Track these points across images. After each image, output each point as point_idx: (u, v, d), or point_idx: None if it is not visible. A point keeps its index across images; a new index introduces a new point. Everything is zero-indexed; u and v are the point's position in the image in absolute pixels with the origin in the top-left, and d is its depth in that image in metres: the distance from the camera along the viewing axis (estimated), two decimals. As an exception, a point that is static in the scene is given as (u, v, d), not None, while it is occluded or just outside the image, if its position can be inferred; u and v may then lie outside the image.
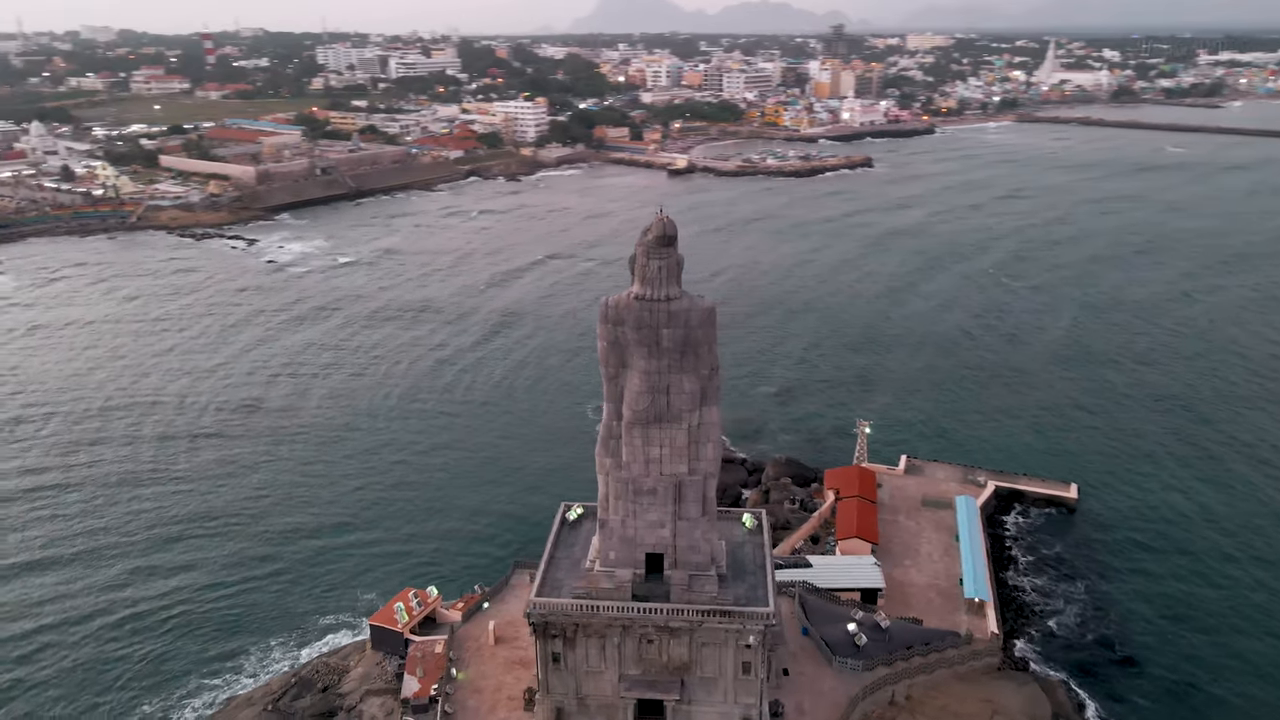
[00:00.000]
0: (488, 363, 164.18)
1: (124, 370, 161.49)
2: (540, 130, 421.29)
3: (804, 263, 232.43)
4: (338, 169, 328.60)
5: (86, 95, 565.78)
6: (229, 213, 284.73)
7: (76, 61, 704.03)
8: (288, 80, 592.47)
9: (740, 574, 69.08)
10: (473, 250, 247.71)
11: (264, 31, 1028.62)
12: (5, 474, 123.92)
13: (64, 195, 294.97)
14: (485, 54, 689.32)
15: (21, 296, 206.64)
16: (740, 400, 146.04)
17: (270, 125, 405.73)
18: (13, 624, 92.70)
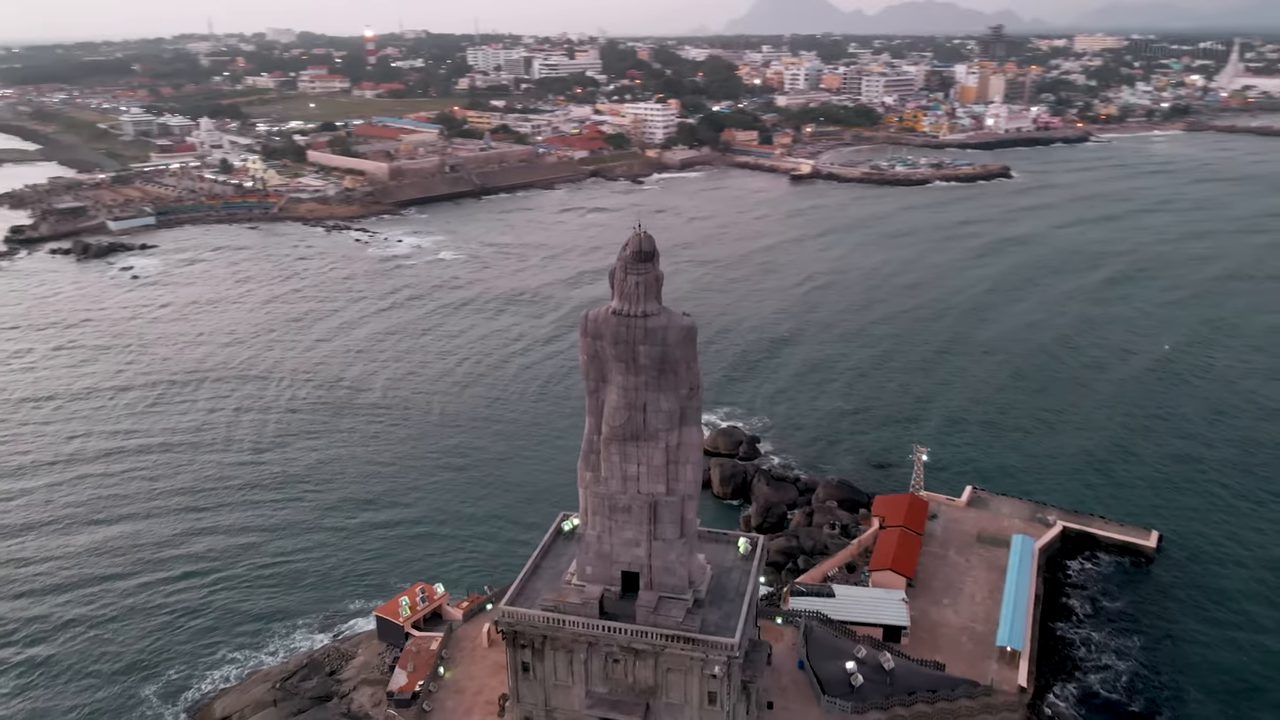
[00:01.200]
0: (555, 358, 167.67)
1: (226, 345, 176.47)
2: (668, 132, 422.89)
3: (899, 271, 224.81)
4: (465, 167, 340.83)
5: (258, 93, 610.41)
6: (361, 206, 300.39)
7: (255, 62, 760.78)
8: (438, 80, 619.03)
9: (719, 600, 67.22)
10: (573, 247, 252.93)
11: (426, 33, 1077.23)
12: (102, 435, 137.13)
13: (219, 186, 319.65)
14: (627, 56, 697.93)
15: (161, 276, 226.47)
16: (804, 414, 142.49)
17: (412, 123, 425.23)
18: (80, 569, 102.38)
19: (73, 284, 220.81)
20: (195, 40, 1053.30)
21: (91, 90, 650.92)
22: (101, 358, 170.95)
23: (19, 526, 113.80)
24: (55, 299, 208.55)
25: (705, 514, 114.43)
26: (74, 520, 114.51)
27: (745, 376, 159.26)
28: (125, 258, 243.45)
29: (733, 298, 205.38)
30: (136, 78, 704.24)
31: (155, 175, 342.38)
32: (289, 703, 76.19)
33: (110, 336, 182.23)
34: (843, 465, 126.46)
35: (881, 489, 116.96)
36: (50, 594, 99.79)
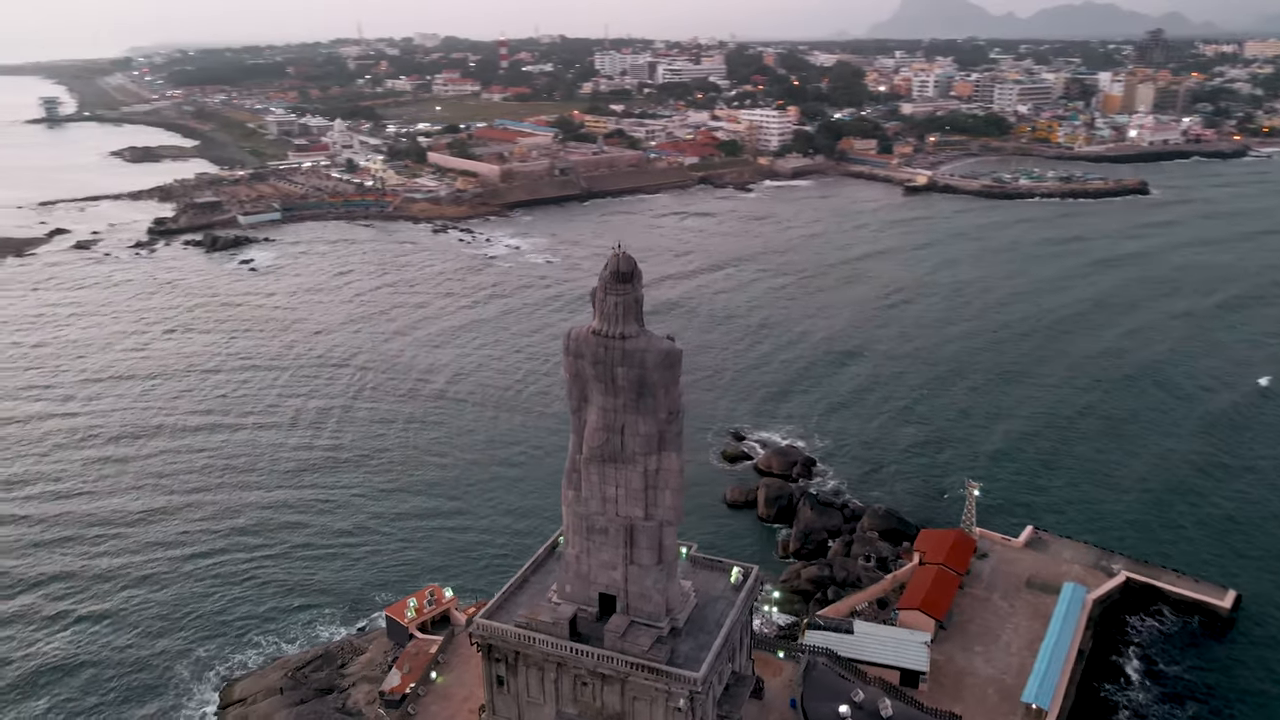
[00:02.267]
0: None
1: (315, 333, 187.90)
2: (783, 139, 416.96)
3: (992, 287, 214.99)
4: (575, 170, 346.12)
5: (395, 95, 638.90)
6: (469, 207, 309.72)
7: (397, 66, 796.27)
8: (564, 84, 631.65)
9: (697, 630, 65.52)
10: (664, 250, 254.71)
11: (561, 38, 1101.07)
12: (185, 412, 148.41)
13: (342, 185, 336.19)
14: (752, 61, 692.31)
15: (273, 268, 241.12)
16: (867, 435, 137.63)
17: (530, 127, 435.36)
18: (144, 536, 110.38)
19: (196, 273, 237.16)
20: (347, 44, 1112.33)
21: (248, 91, 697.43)
22: (203, 341, 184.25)
23: (89, 492, 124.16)
24: (177, 286, 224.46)
25: (746, 535, 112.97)
26: (145, 488, 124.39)
27: (809, 391, 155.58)
28: (248, 250, 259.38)
29: (808, 308, 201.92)
30: (289, 80, 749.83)
31: (288, 173, 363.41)
32: (295, 692, 79.15)
33: (214, 322, 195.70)
34: (898, 493, 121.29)
35: (935, 521, 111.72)
36: (109, 557, 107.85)
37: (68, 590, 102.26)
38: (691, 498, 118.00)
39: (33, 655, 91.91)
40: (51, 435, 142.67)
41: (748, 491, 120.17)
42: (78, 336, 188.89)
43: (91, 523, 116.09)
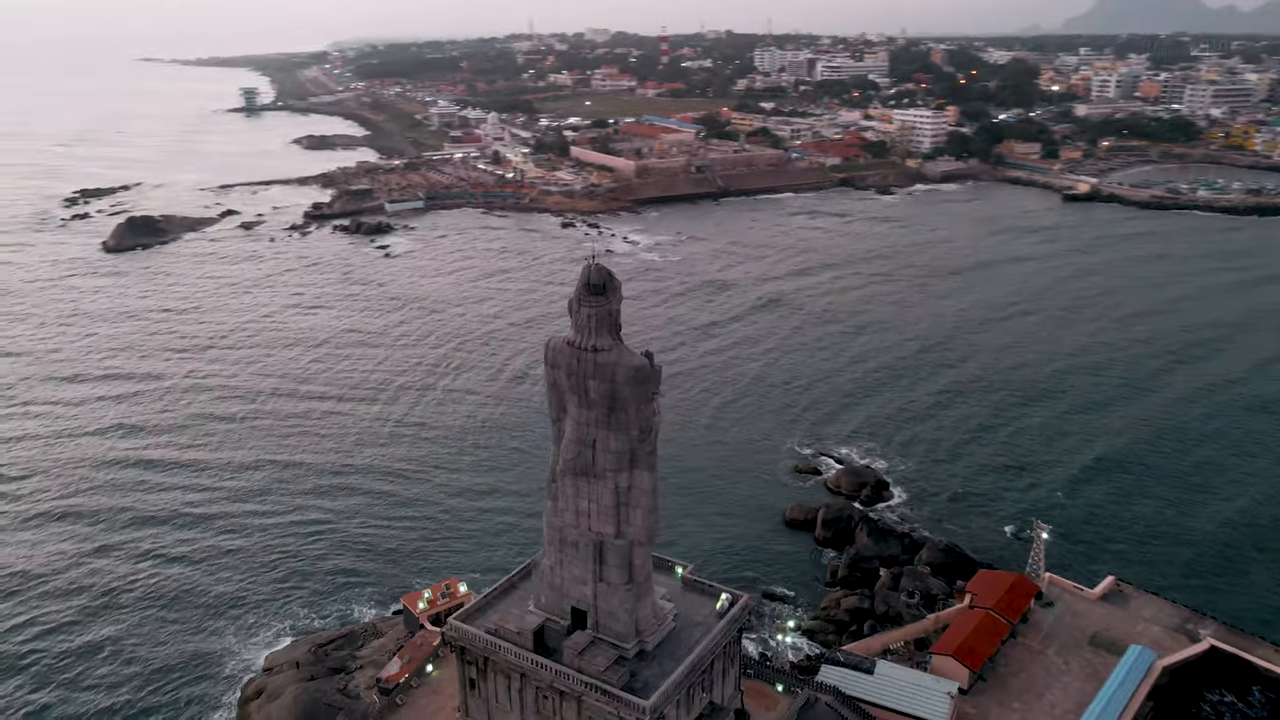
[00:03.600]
0: (715, 358, 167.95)
1: (424, 313, 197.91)
2: (936, 141, 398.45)
3: (1125, 301, 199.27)
4: (712, 168, 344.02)
5: (556, 90, 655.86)
6: (602, 202, 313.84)
7: (563, 60, 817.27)
8: (721, 81, 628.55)
9: (669, 655, 63.37)
10: (786, 248, 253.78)
11: (728, 33, 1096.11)
12: (287, 380, 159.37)
13: (485, 176, 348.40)
14: (918, 58, 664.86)
15: (406, 253, 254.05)
16: (953, 460, 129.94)
17: (676, 123, 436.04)
18: (225, 498, 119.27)
19: (335, 255, 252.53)
20: (520, 40, 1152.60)
21: (421, 84, 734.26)
22: (325, 315, 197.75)
23: (196, 444, 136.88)
24: (314, 266, 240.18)
25: (796, 557, 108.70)
26: (245, 447, 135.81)
27: (898, 403, 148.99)
28: (387, 236, 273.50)
29: (916, 315, 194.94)
30: (460, 74, 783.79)
31: (440, 163, 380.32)
32: (311, 668, 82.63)
33: (334, 300, 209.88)
34: (972, 527, 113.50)
35: (1004, 562, 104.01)
36: (203, 506, 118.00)
37: (157, 535, 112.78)
38: (751, 511, 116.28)
39: (102, 588, 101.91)
40: (175, 392, 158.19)
41: (808, 511, 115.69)
42: (218, 305, 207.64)
43: (194, 473, 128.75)
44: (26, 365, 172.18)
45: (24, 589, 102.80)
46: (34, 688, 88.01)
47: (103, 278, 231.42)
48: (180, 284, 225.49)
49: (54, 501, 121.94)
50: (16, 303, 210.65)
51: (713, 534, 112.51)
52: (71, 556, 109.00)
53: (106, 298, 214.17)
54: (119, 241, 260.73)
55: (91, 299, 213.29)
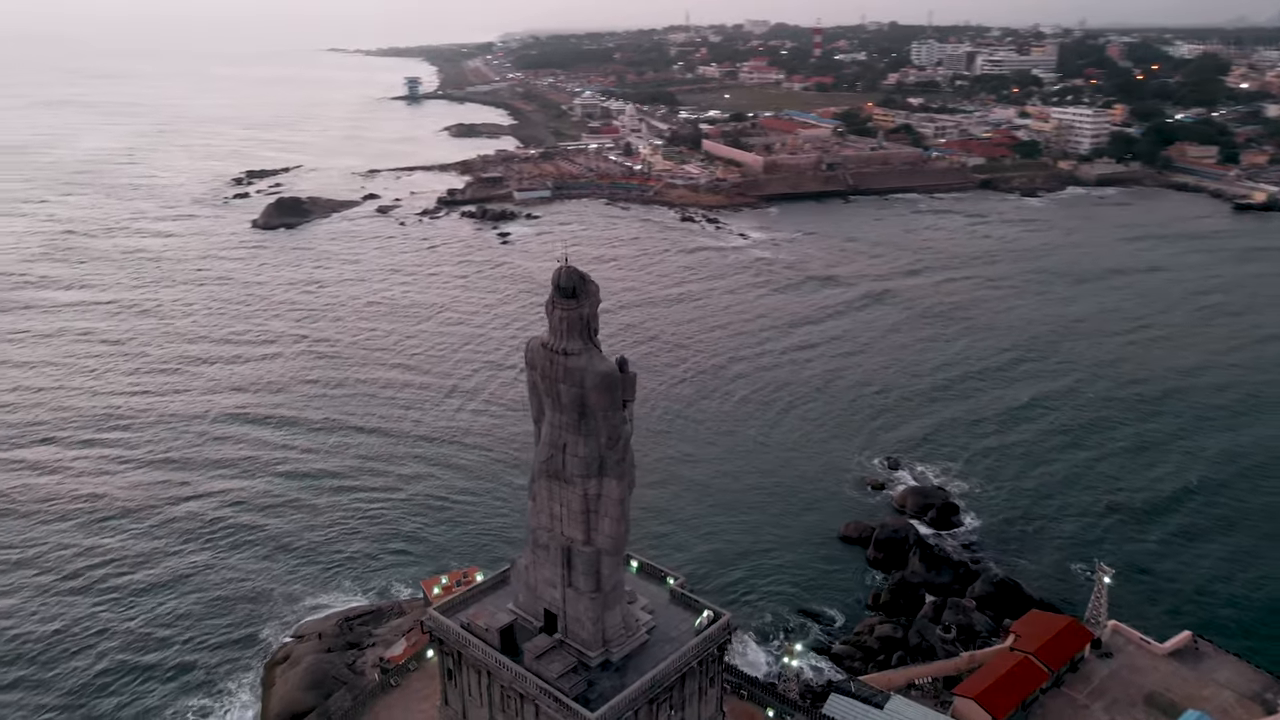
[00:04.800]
0: (794, 362, 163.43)
1: (519, 294, 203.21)
2: (1097, 142, 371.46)
3: (1261, 324, 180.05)
4: (844, 166, 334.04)
5: (702, 82, 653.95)
6: (725, 196, 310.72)
7: (714, 53, 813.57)
8: (873, 74, 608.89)
9: (632, 669, 62.06)
10: (902, 248, 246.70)
11: (890, 26, 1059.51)
12: (378, 362, 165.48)
13: (615, 167, 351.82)
14: (1091, 52, 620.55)
15: (522, 240, 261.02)
16: (1037, 487, 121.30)
17: (815, 118, 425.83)
18: (303, 464, 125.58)
19: (458, 239, 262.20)
20: (677, 31, 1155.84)
21: (574, 75, 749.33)
22: (429, 294, 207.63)
23: (288, 416, 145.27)
24: (435, 250, 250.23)
25: (841, 575, 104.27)
26: (327, 417, 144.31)
27: (990, 421, 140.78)
28: (510, 223, 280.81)
29: (1027, 324, 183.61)
30: (612, 65, 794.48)
31: (573, 153, 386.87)
32: (333, 640, 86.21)
33: (444, 280, 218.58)
34: (1042, 561, 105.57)
35: (1070, 604, 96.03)
36: (271, 482, 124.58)
37: (239, 491, 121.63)
38: (807, 523, 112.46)
39: (181, 533, 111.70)
40: (285, 357, 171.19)
41: (863, 528, 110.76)
42: (339, 279, 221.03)
43: (291, 432, 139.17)
44: (160, 323, 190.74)
45: (118, 524, 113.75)
46: (98, 611, 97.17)
47: (245, 251, 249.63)
48: (310, 260, 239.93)
49: (160, 450, 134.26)
50: (167, 270, 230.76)
51: (761, 543, 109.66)
52: (162, 500, 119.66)
53: (243, 269, 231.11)
54: (267, 220, 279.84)
55: (230, 269, 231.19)
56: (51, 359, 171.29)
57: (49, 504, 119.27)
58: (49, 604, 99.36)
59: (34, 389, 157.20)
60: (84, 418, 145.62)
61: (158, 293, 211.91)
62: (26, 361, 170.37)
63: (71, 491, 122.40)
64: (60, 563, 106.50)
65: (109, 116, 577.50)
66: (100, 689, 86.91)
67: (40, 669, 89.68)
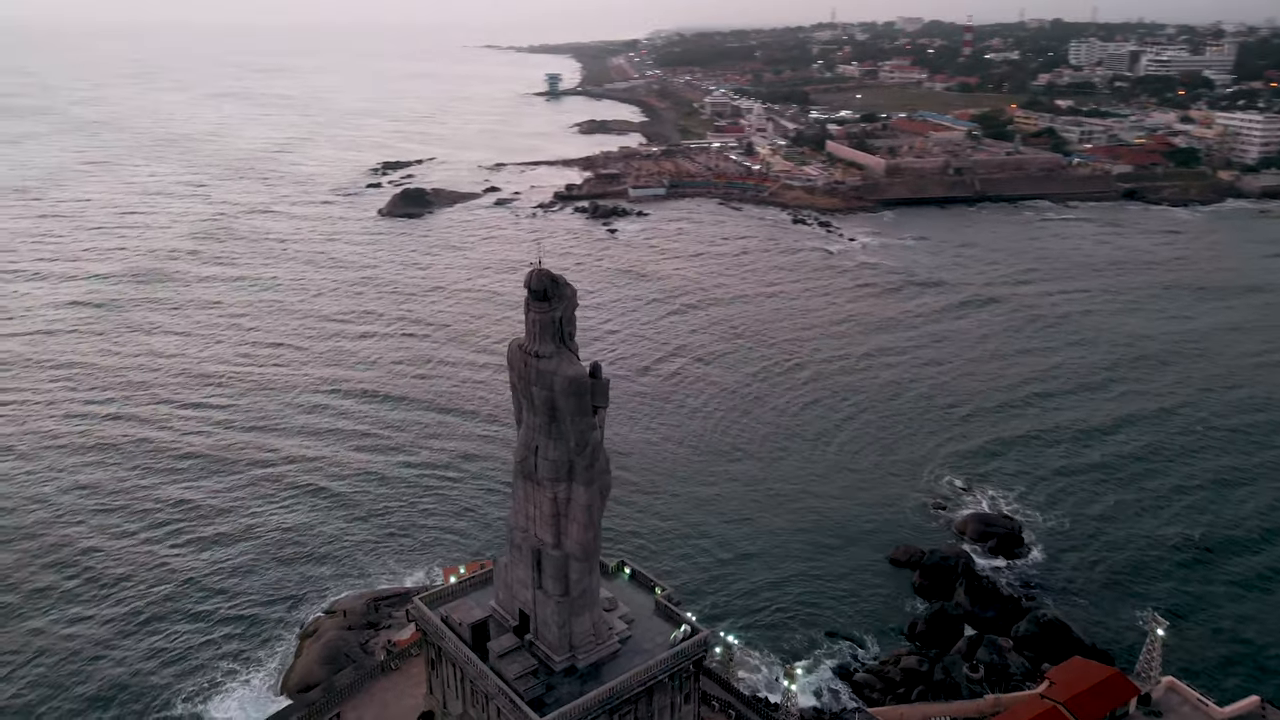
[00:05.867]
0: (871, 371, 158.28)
1: (613, 288, 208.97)
2: (1267, 151, 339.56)
3: None
4: (972, 170, 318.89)
5: (840, 81, 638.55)
6: (841, 199, 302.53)
7: (857, 51, 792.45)
8: (1022, 75, 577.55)
9: (596, 677, 61.40)
10: (1013, 252, 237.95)
11: (1052, 23, 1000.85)
12: (454, 347, 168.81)
13: (733, 166, 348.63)
14: (1276, 52, 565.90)
15: (630, 237, 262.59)
16: (1117, 524, 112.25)
17: (950, 120, 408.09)
18: (379, 440, 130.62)
19: (565, 233, 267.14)
20: (823, 29, 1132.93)
21: (711, 73, 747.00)
22: (518, 285, 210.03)
23: (371, 390, 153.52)
24: (541, 242, 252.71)
25: (881, 600, 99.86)
26: (406, 391, 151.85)
27: (1064, 441, 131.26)
28: (620, 220, 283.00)
29: (1136, 341, 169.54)
30: (751, 63, 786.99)
31: (695, 152, 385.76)
32: (356, 618, 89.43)
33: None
34: (1103, 604, 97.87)
35: (1126, 654, 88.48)
36: (347, 454, 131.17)
37: (319, 462, 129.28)
38: (859, 541, 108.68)
39: (262, 496, 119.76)
40: (379, 336, 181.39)
41: (913, 552, 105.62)
42: (446, 265, 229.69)
43: (373, 405, 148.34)
44: (275, 299, 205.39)
45: (204, 480, 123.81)
46: (170, 558, 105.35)
47: (365, 237, 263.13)
48: (422, 248, 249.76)
49: (255, 416, 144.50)
50: (292, 251, 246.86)
51: (805, 557, 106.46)
52: (246, 462, 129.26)
53: (359, 254, 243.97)
54: (391, 209, 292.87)
55: (347, 253, 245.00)
56: (179, 326, 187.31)
57: (153, 456, 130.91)
58: (129, 545, 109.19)
59: (159, 353, 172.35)
60: (195, 381, 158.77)
61: (279, 271, 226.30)
62: (159, 326, 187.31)
63: (171, 447, 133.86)
64: (149, 510, 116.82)
65: (270, 109, 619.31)
66: (148, 630, 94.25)
67: (102, 602, 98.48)
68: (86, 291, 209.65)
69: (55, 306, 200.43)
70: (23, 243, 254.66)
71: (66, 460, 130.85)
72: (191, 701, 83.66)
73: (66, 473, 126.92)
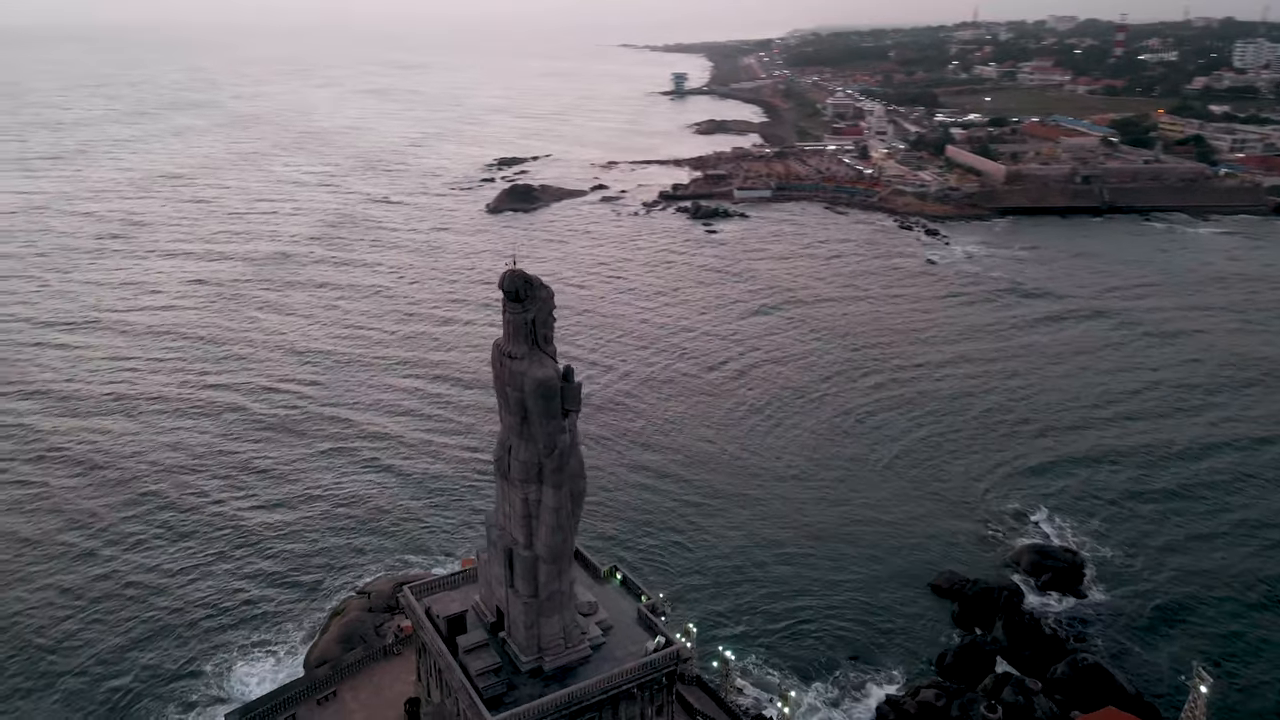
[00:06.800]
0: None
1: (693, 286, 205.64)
2: None
3: None
4: (1102, 180, 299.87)
5: (974, 83, 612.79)
6: (954, 207, 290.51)
7: (998, 51, 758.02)
8: (1177, 77, 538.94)
9: (559, 681, 61.11)
10: (1128, 262, 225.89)
11: (1222, 21, 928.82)
12: None
13: (844, 170, 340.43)
14: None
15: (727, 239, 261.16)
16: (1193, 565, 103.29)
17: (1086, 126, 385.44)
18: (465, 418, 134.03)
19: (664, 233, 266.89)
20: (966, 28, 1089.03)
21: (840, 73, 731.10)
22: (603, 281, 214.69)
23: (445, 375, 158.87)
24: (634, 241, 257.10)
25: (914, 629, 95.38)
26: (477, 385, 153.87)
27: (1159, 472, 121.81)
28: (721, 221, 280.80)
29: (1238, 355, 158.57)
30: (883, 64, 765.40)
31: (808, 154, 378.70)
32: (377, 600, 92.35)
33: (628, 269, 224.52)
34: (1159, 652, 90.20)
35: (1171, 709, 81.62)
36: (417, 436, 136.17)
37: (387, 442, 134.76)
38: (903, 564, 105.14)
39: (327, 469, 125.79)
40: (458, 324, 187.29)
41: (957, 580, 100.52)
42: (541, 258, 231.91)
43: (449, 387, 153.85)
44: (376, 283, 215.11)
45: (279, 448, 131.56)
46: (236, 517, 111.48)
47: (470, 230, 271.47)
48: (522, 242, 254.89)
49: (335, 393, 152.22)
50: (399, 240, 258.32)
51: (842, 575, 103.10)
52: (320, 435, 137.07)
53: (459, 244, 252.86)
54: (498, 204, 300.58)
55: (448, 242, 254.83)
56: (285, 305, 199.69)
57: (241, 424, 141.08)
58: (204, 503, 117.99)
59: (264, 329, 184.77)
60: (290, 358, 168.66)
61: (384, 258, 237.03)
62: (268, 304, 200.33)
63: (259, 416, 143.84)
64: (228, 473, 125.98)
65: (408, 105, 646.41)
66: (200, 585, 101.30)
67: (168, 551, 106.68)
68: (211, 270, 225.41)
69: (182, 282, 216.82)
70: (164, 224, 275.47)
71: (165, 421, 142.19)
72: (219, 664, 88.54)
73: (165, 432, 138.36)
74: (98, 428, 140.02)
